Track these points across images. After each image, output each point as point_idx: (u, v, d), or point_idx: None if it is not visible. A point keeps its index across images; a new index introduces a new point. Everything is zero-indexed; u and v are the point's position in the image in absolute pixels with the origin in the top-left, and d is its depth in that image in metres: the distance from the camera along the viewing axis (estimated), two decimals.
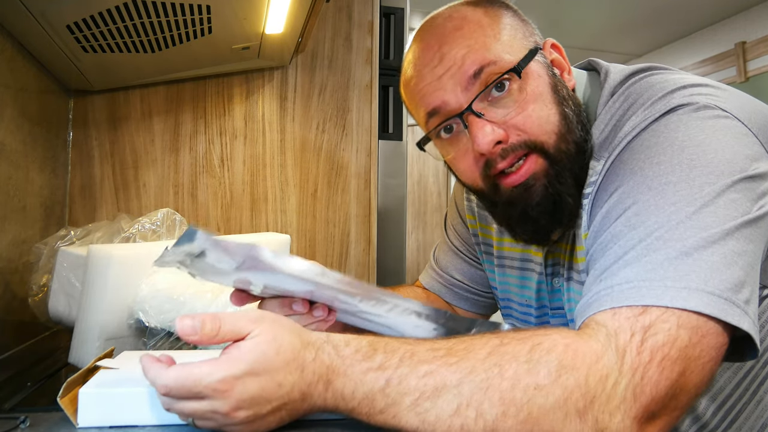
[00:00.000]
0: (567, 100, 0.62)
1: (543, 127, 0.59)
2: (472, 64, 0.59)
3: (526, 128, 0.59)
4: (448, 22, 0.62)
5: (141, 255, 0.72)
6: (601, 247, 0.52)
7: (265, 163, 1.33)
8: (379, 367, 0.44)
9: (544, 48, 0.66)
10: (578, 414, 0.41)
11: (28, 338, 0.92)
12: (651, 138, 0.53)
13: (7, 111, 0.87)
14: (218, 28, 0.98)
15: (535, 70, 0.61)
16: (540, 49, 0.64)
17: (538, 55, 0.63)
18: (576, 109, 0.63)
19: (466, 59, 0.59)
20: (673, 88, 0.56)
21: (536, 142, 0.59)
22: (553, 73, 0.64)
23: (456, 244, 0.90)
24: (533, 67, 0.61)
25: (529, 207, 0.60)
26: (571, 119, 0.61)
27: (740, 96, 0.58)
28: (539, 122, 0.59)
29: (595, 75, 0.68)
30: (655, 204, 0.49)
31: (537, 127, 0.59)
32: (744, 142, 0.51)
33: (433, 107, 0.62)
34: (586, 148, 0.61)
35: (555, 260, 0.71)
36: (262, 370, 0.43)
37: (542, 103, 0.60)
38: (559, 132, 0.59)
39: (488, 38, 0.60)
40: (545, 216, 0.61)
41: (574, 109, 0.62)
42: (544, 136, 0.59)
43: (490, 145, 0.58)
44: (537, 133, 0.59)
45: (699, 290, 0.44)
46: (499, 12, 0.64)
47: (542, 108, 0.59)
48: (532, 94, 0.59)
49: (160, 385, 0.43)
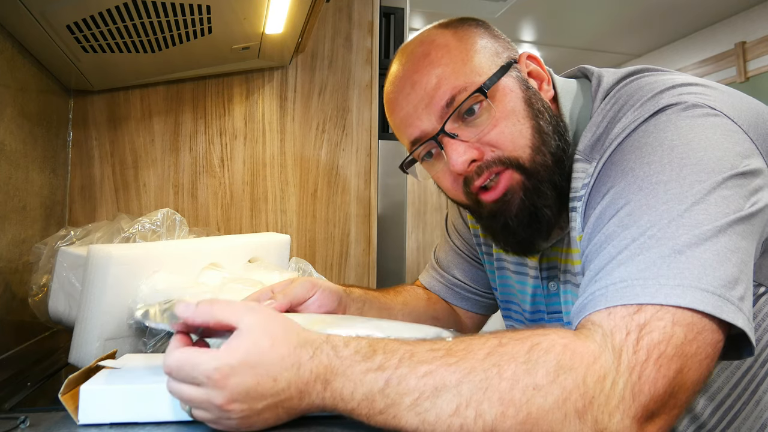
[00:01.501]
0: (542, 112, 0.63)
1: (516, 142, 0.61)
2: (443, 95, 0.62)
3: (499, 145, 0.61)
4: (418, 48, 0.65)
5: (141, 255, 0.72)
6: (596, 248, 0.52)
7: (265, 163, 1.33)
8: (378, 367, 0.44)
9: (520, 61, 0.66)
10: (577, 414, 0.41)
11: (28, 338, 0.92)
12: (641, 138, 0.54)
13: (7, 111, 0.87)
14: (218, 28, 0.98)
15: (507, 86, 0.62)
16: (515, 62, 0.65)
17: (511, 70, 0.64)
18: (552, 119, 0.63)
19: (437, 90, 0.62)
20: (663, 89, 0.57)
21: (510, 157, 0.61)
22: (528, 86, 0.64)
23: (457, 243, 0.90)
24: (504, 83, 0.62)
25: (509, 219, 0.63)
26: (545, 131, 0.62)
27: (731, 94, 0.58)
28: (512, 138, 0.61)
29: (587, 82, 0.68)
30: (647, 203, 0.49)
31: (510, 143, 0.61)
32: (734, 139, 0.51)
33: (414, 138, 0.65)
34: (565, 158, 0.62)
35: (551, 264, 0.71)
36: (257, 363, 0.43)
37: (514, 118, 0.61)
38: (533, 145, 0.61)
39: (456, 63, 0.62)
40: (525, 228, 0.63)
41: (549, 120, 0.63)
42: (518, 151, 0.61)
43: (464, 165, 0.61)
44: (510, 148, 0.61)
45: (693, 287, 0.44)
46: (468, 32, 0.65)
47: (514, 123, 0.61)
48: (504, 111, 0.61)
49: (165, 364, 0.45)
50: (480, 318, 0.93)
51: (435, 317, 0.88)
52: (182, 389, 0.45)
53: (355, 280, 1.38)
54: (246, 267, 0.89)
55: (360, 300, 0.77)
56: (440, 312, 0.89)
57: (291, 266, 1.00)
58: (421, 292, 0.91)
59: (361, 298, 0.77)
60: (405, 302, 0.86)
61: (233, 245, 0.89)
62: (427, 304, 0.89)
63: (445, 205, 3.17)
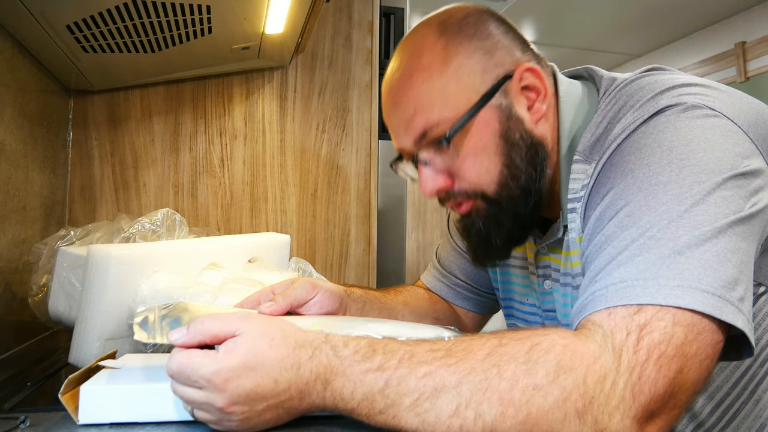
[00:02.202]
0: (518, 145, 0.62)
1: (482, 178, 0.63)
2: (417, 127, 0.63)
3: (466, 179, 0.63)
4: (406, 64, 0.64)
5: (141, 255, 0.72)
6: (596, 249, 0.52)
7: (265, 163, 1.33)
8: (378, 367, 0.44)
9: (514, 76, 0.62)
10: (577, 414, 0.41)
11: (28, 338, 0.92)
12: (641, 140, 0.54)
13: (7, 111, 0.87)
14: (218, 28, 0.98)
15: (483, 120, 0.61)
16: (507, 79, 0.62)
17: (497, 97, 0.62)
18: (530, 149, 0.63)
19: (413, 119, 0.63)
20: (662, 89, 0.56)
21: (476, 191, 0.63)
22: (510, 115, 0.62)
23: (459, 243, 0.90)
24: (482, 117, 0.61)
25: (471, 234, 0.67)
26: (517, 165, 0.62)
27: (732, 94, 0.57)
28: (478, 174, 0.62)
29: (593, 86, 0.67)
30: (647, 204, 0.49)
31: (476, 178, 0.63)
32: (734, 140, 0.51)
33: (398, 148, 0.68)
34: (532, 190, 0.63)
35: (545, 263, 0.71)
36: (256, 364, 0.43)
37: (484, 155, 0.62)
38: (500, 181, 0.63)
39: (435, 93, 0.61)
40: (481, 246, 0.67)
41: (525, 152, 0.63)
42: (483, 186, 0.63)
43: (432, 192, 0.65)
44: (476, 183, 0.63)
45: (693, 288, 0.44)
46: (459, 47, 0.62)
47: (483, 161, 0.62)
48: (474, 148, 0.62)
49: (168, 367, 0.45)
50: (480, 318, 0.93)
51: (436, 317, 0.88)
52: (184, 391, 0.45)
53: (355, 280, 1.38)
54: (246, 267, 0.89)
55: (361, 300, 0.77)
56: (441, 312, 0.89)
57: (291, 266, 1.00)
58: (422, 292, 0.91)
59: (361, 299, 0.77)
60: (406, 302, 0.86)
61: (233, 245, 0.89)
62: (427, 304, 0.89)
63: None
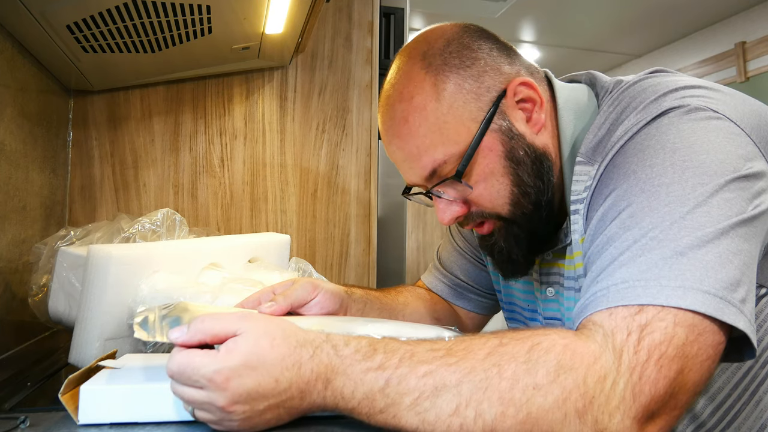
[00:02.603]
0: (523, 162, 0.63)
1: (495, 201, 0.64)
2: (425, 167, 0.64)
3: (480, 204, 0.65)
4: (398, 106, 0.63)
5: (141, 255, 0.72)
6: (597, 250, 0.52)
7: (265, 163, 1.33)
8: (378, 367, 0.44)
9: (508, 93, 0.62)
10: (577, 414, 0.41)
11: (28, 338, 0.92)
12: (643, 141, 0.54)
13: (7, 111, 0.87)
14: (218, 28, 0.98)
15: (486, 147, 0.62)
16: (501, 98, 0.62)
17: (496, 120, 0.62)
18: (535, 163, 0.63)
19: (419, 160, 0.63)
20: (665, 91, 0.56)
21: (491, 214, 0.65)
22: (511, 134, 0.62)
23: (460, 244, 0.90)
24: (485, 144, 0.62)
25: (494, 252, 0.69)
26: (525, 182, 0.63)
27: (734, 96, 0.57)
28: (491, 198, 0.64)
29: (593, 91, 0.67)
30: (649, 206, 0.49)
31: (489, 203, 0.64)
32: (737, 142, 0.51)
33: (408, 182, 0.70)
34: (543, 203, 0.65)
35: (550, 270, 0.71)
36: (257, 364, 0.43)
37: (493, 179, 0.63)
38: (511, 201, 0.64)
39: (434, 134, 0.62)
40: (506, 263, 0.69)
41: (531, 166, 0.63)
42: (498, 209, 0.64)
43: (450, 221, 0.66)
44: (490, 207, 0.65)
45: (694, 289, 0.44)
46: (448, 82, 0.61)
47: (493, 184, 0.63)
48: (482, 174, 0.63)
49: (168, 368, 0.45)
50: (481, 318, 0.93)
51: (436, 317, 0.88)
52: (185, 391, 0.45)
53: (355, 280, 1.38)
54: (246, 267, 0.89)
55: (361, 301, 0.77)
56: (441, 312, 0.89)
57: (291, 266, 1.00)
58: (422, 293, 0.91)
59: (362, 299, 0.77)
60: (406, 302, 0.86)
61: (233, 245, 0.89)
62: (428, 305, 0.89)
63: None
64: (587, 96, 0.67)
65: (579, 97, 0.67)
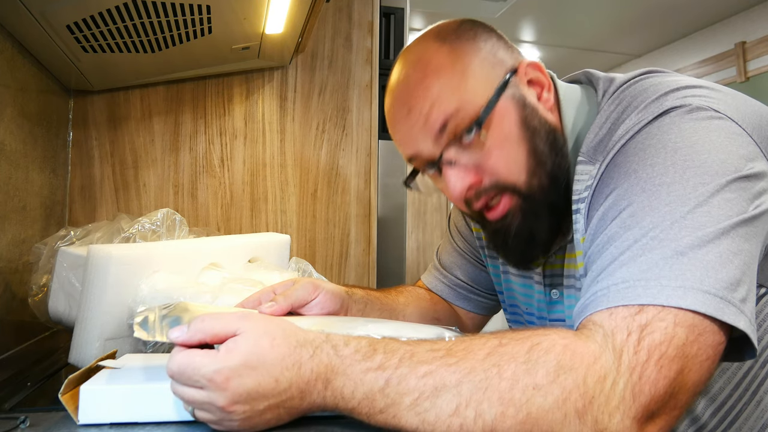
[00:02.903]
0: (538, 130, 0.62)
1: (511, 168, 0.61)
2: (436, 120, 0.61)
3: (495, 171, 0.62)
4: (413, 72, 0.64)
5: (141, 255, 0.72)
6: (598, 249, 0.52)
7: (265, 163, 1.33)
8: (378, 367, 0.44)
9: (519, 71, 0.64)
10: (577, 414, 0.41)
11: (28, 338, 0.92)
12: (645, 140, 0.53)
13: (7, 111, 0.87)
14: (218, 28, 0.98)
15: (502, 110, 0.61)
16: (513, 73, 0.63)
17: (509, 87, 0.62)
18: (549, 135, 0.63)
19: (431, 114, 0.61)
20: (667, 91, 0.56)
21: (506, 183, 0.62)
22: (525, 103, 0.63)
23: (459, 244, 0.90)
24: (500, 107, 0.61)
25: (509, 240, 0.64)
26: (541, 151, 0.62)
27: (735, 96, 0.57)
28: (507, 164, 0.61)
29: (591, 90, 0.68)
30: (650, 205, 0.49)
31: (505, 170, 0.61)
32: (738, 142, 0.51)
33: (410, 155, 0.66)
34: (560, 174, 0.63)
35: (554, 272, 0.71)
36: (257, 363, 0.43)
37: (509, 144, 0.61)
38: (528, 169, 0.62)
39: (451, 87, 0.61)
40: (523, 247, 0.65)
41: (546, 137, 0.63)
42: (514, 177, 0.62)
43: (462, 192, 0.62)
44: (506, 174, 0.61)
45: (695, 289, 0.44)
46: (464, 48, 0.63)
47: (509, 149, 0.61)
48: (498, 138, 0.61)
49: (168, 368, 0.45)
50: (481, 318, 0.93)
51: (436, 318, 0.88)
52: (185, 392, 0.45)
53: (355, 280, 1.38)
54: (246, 267, 0.89)
55: (362, 301, 0.77)
56: (441, 313, 0.89)
57: (291, 266, 1.00)
58: (422, 293, 0.91)
59: (363, 299, 0.77)
60: (407, 303, 0.86)
61: (233, 245, 0.89)
62: (428, 305, 0.89)
63: (446, 206, 3.17)
64: (586, 94, 0.68)
65: (578, 95, 0.68)
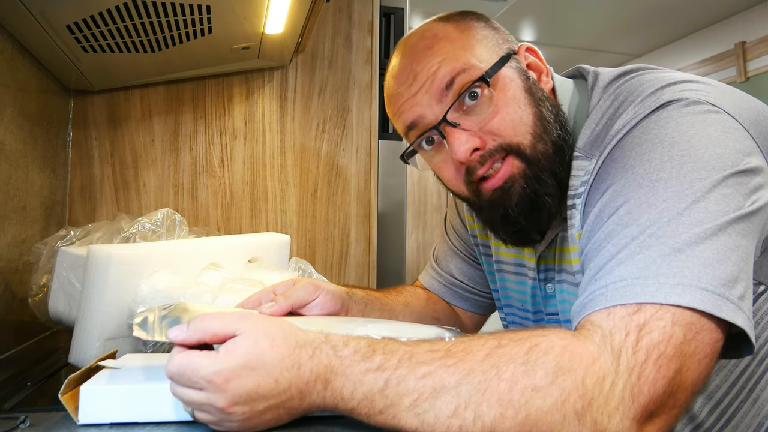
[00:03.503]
0: (543, 101, 0.63)
1: (517, 128, 0.61)
2: (444, 77, 0.62)
3: (500, 132, 0.61)
4: (420, 42, 0.65)
5: (141, 255, 0.72)
6: (595, 247, 0.52)
7: (265, 163, 1.33)
8: (378, 367, 0.44)
9: (519, 53, 0.67)
10: (576, 416, 0.41)
11: (28, 338, 0.92)
12: (641, 135, 0.53)
13: (7, 111, 0.87)
14: (218, 28, 0.98)
15: (507, 75, 0.63)
16: (514, 54, 0.66)
17: (511, 61, 0.64)
18: (553, 109, 0.64)
19: (438, 73, 0.62)
20: (663, 85, 0.56)
21: (512, 144, 0.61)
22: (528, 77, 0.65)
23: (456, 244, 0.90)
24: (505, 73, 0.63)
25: (510, 208, 0.62)
26: (547, 119, 0.62)
27: (732, 92, 0.57)
28: (513, 124, 0.61)
29: (583, 82, 0.68)
30: (647, 201, 0.49)
31: (511, 129, 0.61)
32: (735, 137, 0.51)
33: (410, 122, 0.65)
34: (565, 148, 0.62)
35: (547, 266, 0.71)
36: (257, 364, 0.43)
37: (516, 105, 0.62)
38: (534, 132, 0.61)
39: (458, 50, 0.63)
40: (525, 216, 0.63)
41: (551, 110, 0.63)
42: (519, 137, 0.61)
43: (467, 153, 0.61)
44: (511, 135, 0.61)
45: (692, 286, 0.44)
46: (470, 24, 0.66)
47: (516, 110, 0.61)
48: (505, 99, 0.61)
49: (167, 369, 0.45)
50: (479, 318, 0.93)
51: (435, 317, 0.88)
52: (184, 393, 0.45)
53: (355, 280, 1.38)
54: (246, 267, 0.89)
55: (362, 302, 0.77)
56: (440, 312, 0.89)
57: (291, 266, 1.00)
58: (421, 293, 0.91)
59: (363, 300, 0.77)
60: (406, 303, 0.86)
61: (233, 245, 0.89)
62: (427, 305, 0.89)
63: (445, 205, 3.17)
64: (578, 86, 0.69)
65: (571, 88, 0.69)
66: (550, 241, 0.68)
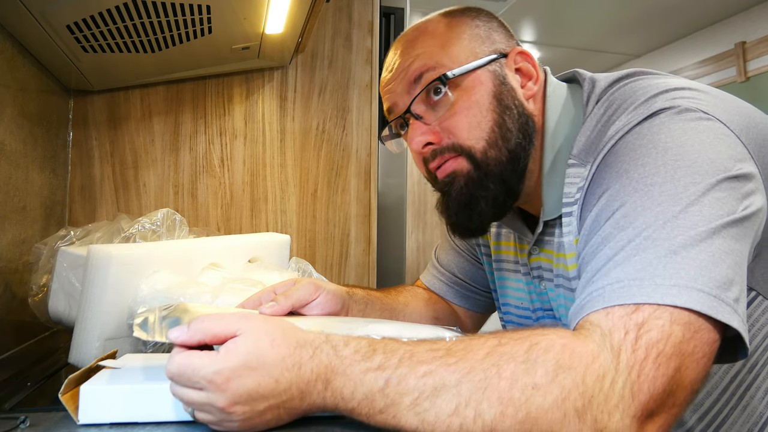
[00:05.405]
0: (510, 108, 0.65)
1: (472, 132, 0.64)
2: (414, 71, 0.66)
3: (455, 132, 0.64)
4: (411, 33, 0.70)
5: (141, 255, 0.72)
6: (592, 250, 0.52)
7: (265, 163, 1.33)
8: (378, 367, 0.44)
9: (509, 56, 0.67)
10: (577, 414, 0.41)
11: (28, 338, 0.93)
12: (635, 140, 0.54)
13: (7, 111, 0.87)
14: (218, 28, 0.98)
15: (477, 78, 0.65)
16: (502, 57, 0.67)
17: (492, 64, 0.66)
18: (521, 117, 0.65)
19: (411, 66, 0.66)
20: (656, 92, 0.57)
21: (463, 146, 0.64)
22: (503, 82, 0.66)
23: (457, 242, 0.91)
24: (476, 75, 0.65)
25: (450, 201, 0.66)
26: (508, 127, 0.64)
27: (724, 98, 0.58)
28: (468, 127, 0.64)
29: (578, 87, 0.69)
30: (642, 205, 0.49)
31: (466, 132, 0.64)
32: (727, 143, 0.52)
33: (387, 107, 0.71)
34: (522, 156, 0.65)
35: (538, 264, 0.72)
36: (257, 364, 0.43)
37: (476, 109, 0.64)
38: (489, 138, 0.64)
39: (435, 47, 0.66)
40: (459, 212, 0.66)
41: (517, 117, 0.65)
42: (472, 141, 0.64)
43: (419, 145, 0.65)
44: (465, 137, 0.64)
45: (689, 287, 0.45)
46: (461, 21, 0.68)
47: (475, 115, 0.64)
48: (467, 101, 0.64)
49: (167, 369, 0.45)
50: (479, 317, 0.93)
51: (435, 317, 0.88)
52: (185, 393, 0.45)
53: (355, 280, 1.38)
54: (246, 267, 0.89)
55: (363, 301, 0.77)
56: (440, 312, 0.90)
57: (291, 266, 1.00)
58: (421, 292, 0.91)
59: (363, 300, 0.78)
60: (406, 302, 0.86)
61: (233, 245, 0.90)
62: (427, 304, 0.89)
63: None
64: (572, 92, 0.69)
65: (564, 94, 0.69)
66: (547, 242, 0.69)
